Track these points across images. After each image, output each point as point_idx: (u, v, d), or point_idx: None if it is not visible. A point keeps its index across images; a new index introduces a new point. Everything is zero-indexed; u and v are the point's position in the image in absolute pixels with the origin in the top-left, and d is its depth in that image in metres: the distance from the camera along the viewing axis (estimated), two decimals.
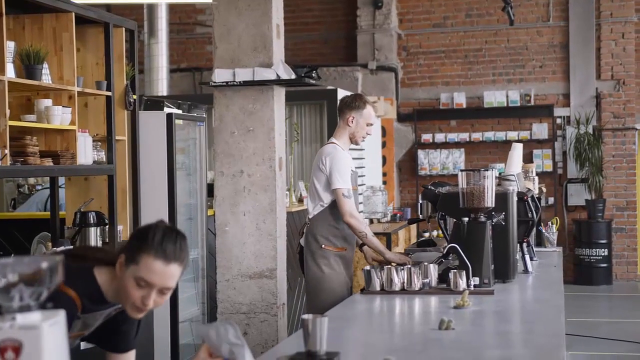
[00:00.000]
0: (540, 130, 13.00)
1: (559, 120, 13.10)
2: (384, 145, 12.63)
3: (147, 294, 2.70)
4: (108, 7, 13.24)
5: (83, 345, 4.90)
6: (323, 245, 5.39)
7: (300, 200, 8.49)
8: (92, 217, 5.64)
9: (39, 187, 8.73)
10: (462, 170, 4.67)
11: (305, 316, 2.81)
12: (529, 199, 5.23)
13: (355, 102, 5.48)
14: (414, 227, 11.33)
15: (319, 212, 5.41)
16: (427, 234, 11.17)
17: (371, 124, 5.49)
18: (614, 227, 12.86)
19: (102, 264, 2.82)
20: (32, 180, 8.75)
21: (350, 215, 5.27)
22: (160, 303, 2.75)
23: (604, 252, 12.57)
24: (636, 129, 12.97)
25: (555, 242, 6.59)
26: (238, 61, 5.93)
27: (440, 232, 6.45)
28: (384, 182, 12.44)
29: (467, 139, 13.17)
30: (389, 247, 9.12)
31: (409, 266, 4.53)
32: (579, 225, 12.75)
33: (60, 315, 1.86)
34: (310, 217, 5.49)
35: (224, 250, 5.96)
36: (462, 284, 4.36)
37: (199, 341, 6.96)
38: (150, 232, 2.72)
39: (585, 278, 12.59)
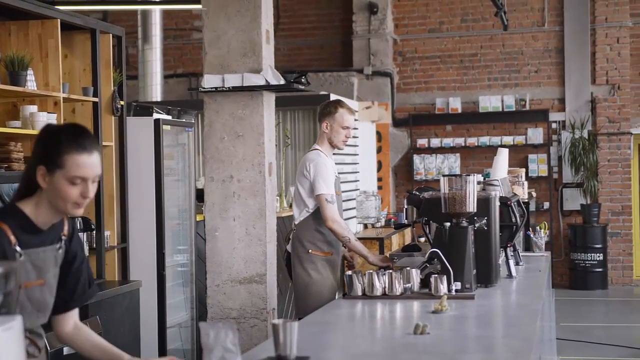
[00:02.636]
0: (536, 135, 13.00)
1: (554, 125, 13.11)
2: (379, 150, 12.65)
3: (84, 188, 2.81)
4: (104, 14, 13.30)
5: (66, 350, 4.95)
6: (310, 250, 5.43)
7: (292, 206, 8.49)
8: (78, 223, 5.66)
9: None
10: (444, 176, 4.68)
11: (275, 321, 2.84)
12: (513, 204, 5.23)
13: (327, 108, 5.53)
14: (408, 232, 11.32)
15: (305, 218, 5.46)
16: (423, 239, 11.14)
17: (347, 127, 5.50)
18: (610, 232, 12.86)
19: (21, 198, 2.89)
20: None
21: (333, 220, 5.30)
22: (94, 192, 2.85)
23: (599, 256, 12.57)
24: (631, 134, 12.97)
25: (544, 247, 6.57)
26: (227, 67, 5.93)
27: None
28: (380, 187, 12.45)
29: (463, 144, 13.17)
30: (381, 252, 9.13)
31: (391, 271, 4.54)
32: (574, 229, 12.75)
33: (17, 321, 1.88)
34: (296, 222, 5.53)
35: (213, 255, 5.96)
36: (443, 288, 4.36)
37: (187, 346, 6.96)
38: (61, 134, 2.82)
39: (581, 283, 12.60)
